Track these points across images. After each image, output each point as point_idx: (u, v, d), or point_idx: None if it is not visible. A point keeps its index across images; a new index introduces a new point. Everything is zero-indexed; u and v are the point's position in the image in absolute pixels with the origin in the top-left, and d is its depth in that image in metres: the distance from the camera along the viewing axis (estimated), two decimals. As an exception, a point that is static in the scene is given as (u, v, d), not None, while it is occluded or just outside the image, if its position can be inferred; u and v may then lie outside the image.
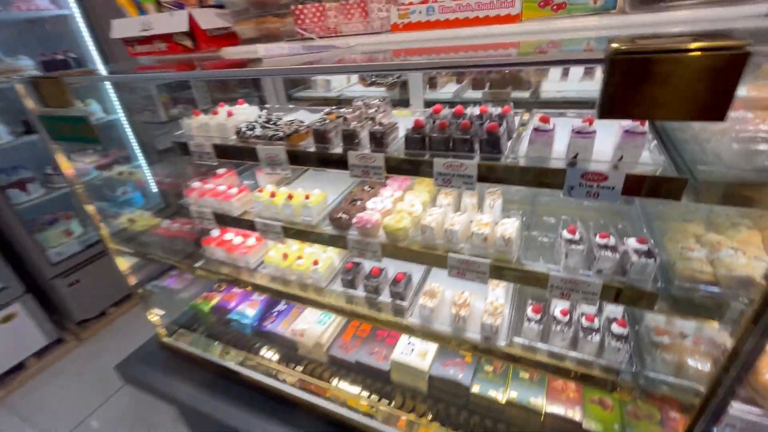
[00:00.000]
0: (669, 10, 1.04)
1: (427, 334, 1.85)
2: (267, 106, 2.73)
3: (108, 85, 4.14)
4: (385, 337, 2.24)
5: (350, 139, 1.73)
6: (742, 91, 1.54)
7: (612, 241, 1.44)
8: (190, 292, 2.75)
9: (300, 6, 1.49)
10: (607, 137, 1.38)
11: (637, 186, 1.24)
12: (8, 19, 3.78)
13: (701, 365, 1.39)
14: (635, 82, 0.66)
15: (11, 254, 3.67)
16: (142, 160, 4.37)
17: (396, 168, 1.63)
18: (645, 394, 1.51)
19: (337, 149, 1.77)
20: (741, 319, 1.10)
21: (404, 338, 2.23)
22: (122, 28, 1.75)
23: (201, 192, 2.27)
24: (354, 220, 1.83)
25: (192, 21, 1.56)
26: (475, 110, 1.80)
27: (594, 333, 1.58)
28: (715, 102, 0.62)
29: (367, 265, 2.16)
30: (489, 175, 1.46)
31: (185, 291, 2.76)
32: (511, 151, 1.51)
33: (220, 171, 2.57)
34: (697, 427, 1.28)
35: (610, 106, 0.72)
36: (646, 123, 1.29)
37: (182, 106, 3.86)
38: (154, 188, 4.58)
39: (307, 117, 2.36)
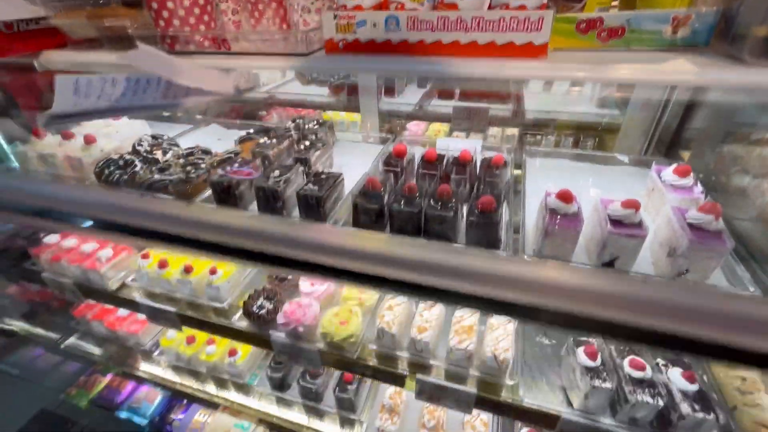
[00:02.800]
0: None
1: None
2: (166, 113, 2.00)
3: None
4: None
5: (268, 200, 1.13)
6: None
7: (650, 374, 1.01)
8: (64, 371, 2.02)
9: (163, -6, 0.84)
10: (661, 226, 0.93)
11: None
12: None
13: None
14: None
15: None
16: None
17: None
18: None
19: (248, 212, 1.17)
20: None
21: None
22: None
23: (56, 253, 1.55)
24: (280, 318, 1.25)
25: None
26: (452, 151, 1.27)
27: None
28: None
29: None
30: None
31: (56, 371, 2.01)
32: (512, 239, 1.01)
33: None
34: None
35: None
36: (720, 215, 0.84)
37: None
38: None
39: (214, 138, 1.71)
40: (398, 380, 1.20)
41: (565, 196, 0.93)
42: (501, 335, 1.14)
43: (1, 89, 1.13)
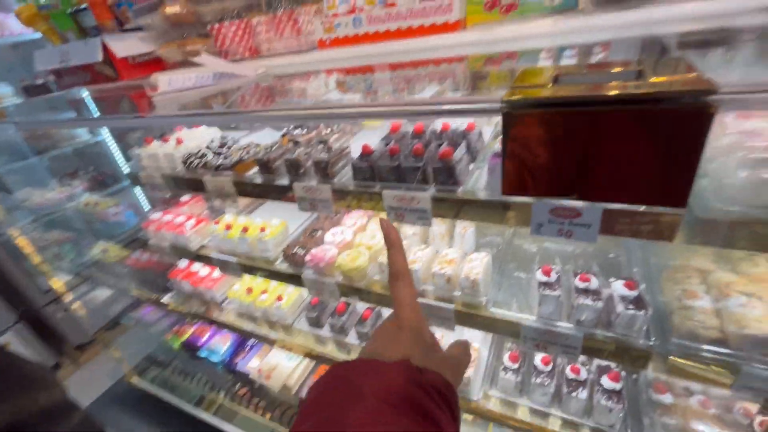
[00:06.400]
0: (634, 9, 0.79)
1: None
2: (233, 125, 2.56)
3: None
4: (358, 378, 2.05)
5: (294, 168, 1.53)
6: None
7: (594, 284, 1.20)
8: (163, 324, 2.63)
9: (217, 25, 1.29)
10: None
11: (619, 223, 1.00)
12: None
13: (711, 435, 1.13)
14: (537, 148, 0.43)
15: (1, 283, 3.66)
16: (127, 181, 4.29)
17: (344, 201, 1.43)
18: (644, 462, 1.26)
19: (283, 180, 1.58)
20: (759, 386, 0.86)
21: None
22: (44, 59, 1.60)
23: (158, 225, 2.12)
24: (307, 258, 1.64)
25: (107, 50, 1.39)
26: (438, 125, 1.57)
27: (581, 387, 1.34)
28: (662, 180, 0.39)
29: (334, 301, 1.97)
30: (446, 209, 1.24)
31: (159, 323, 2.64)
32: (473, 180, 1.28)
33: (186, 198, 2.43)
34: None
35: (514, 180, 0.50)
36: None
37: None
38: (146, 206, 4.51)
39: (268, 138, 2.18)
40: (397, 305, 1.50)
41: (507, 139, 1.18)
42: (476, 265, 1.39)
43: (130, 104, 1.69)
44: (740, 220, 0.88)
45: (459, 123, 1.53)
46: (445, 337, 1.65)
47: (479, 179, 1.27)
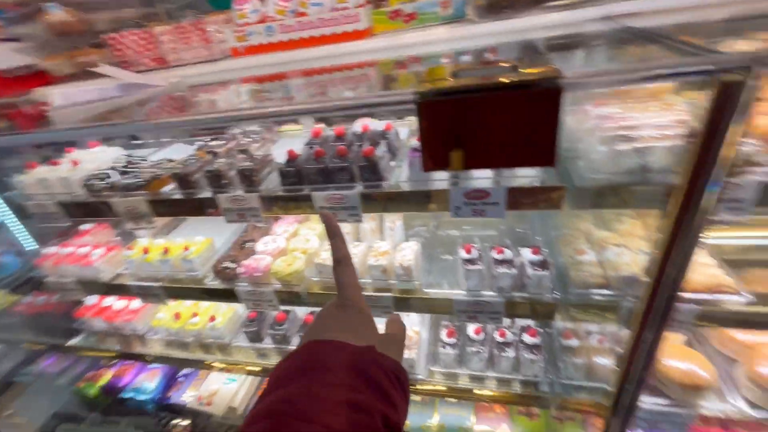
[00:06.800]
0: (513, 18, 0.96)
1: (343, 380, 1.67)
2: (138, 141, 2.36)
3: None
4: (306, 385, 2.03)
5: (217, 180, 1.49)
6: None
7: (508, 254, 1.38)
8: (73, 372, 2.30)
9: (114, 34, 1.22)
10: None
11: (520, 199, 1.17)
12: None
13: (608, 364, 1.38)
14: (446, 129, 0.54)
15: None
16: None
17: (274, 207, 1.43)
18: (563, 399, 1.48)
19: (205, 193, 1.52)
20: (633, 317, 1.08)
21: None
22: None
23: (56, 259, 1.87)
24: (240, 270, 1.60)
25: (-26, 62, 1.21)
26: (358, 128, 1.66)
27: (508, 348, 1.52)
28: (536, 144, 0.52)
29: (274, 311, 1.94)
30: (374, 204, 1.33)
31: (67, 373, 2.30)
32: (395, 175, 1.39)
33: (87, 226, 2.17)
34: (613, 425, 1.26)
35: (430, 158, 0.60)
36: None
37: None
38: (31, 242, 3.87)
39: (178, 153, 2.06)
40: (338, 302, 1.54)
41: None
42: (407, 253, 1.50)
43: (9, 124, 1.47)
44: (605, 185, 1.10)
45: (378, 125, 1.64)
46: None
47: (401, 173, 1.39)
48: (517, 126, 0.51)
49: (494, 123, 0.51)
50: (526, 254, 1.37)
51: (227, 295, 1.66)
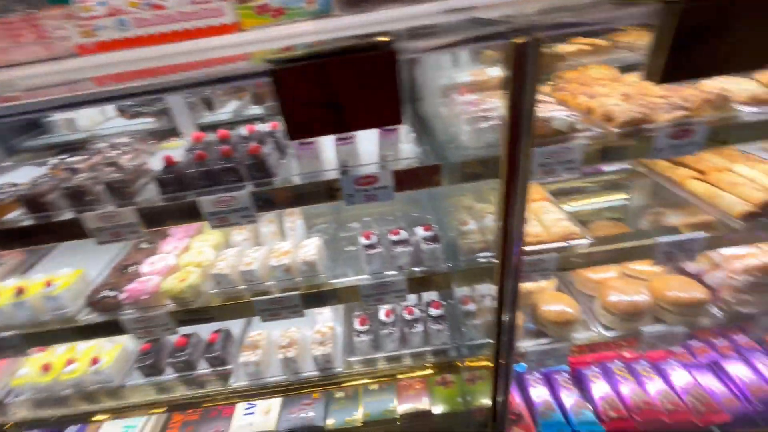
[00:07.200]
0: (374, 11, 1.05)
1: (259, 392, 1.60)
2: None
3: None
4: (221, 411, 1.88)
5: (78, 198, 1.31)
6: (467, 77, 1.81)
7: (404, 235, 1.48)
8: None
9: None
10: (371, 139, 1.38)
11: (406, 180, 1.27)
12: None
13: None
14: (304, 95, 0.58)
15: None
16: None
17: (155, 219, 1.31)
18: (469, 360, 1.63)
19: (67, 214, 1.33)
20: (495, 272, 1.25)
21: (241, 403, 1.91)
22: None
23: None
24: (123, 296, 1.42)
25: None
26: (243, 131, 1.61)
27: (417, 323, 1.62)
28: (383, 105, 0.59)
29: (171, 337, 1.75)
30: (267, 202, 1.30)
31: None
32: (285, 171, 1.38)
33: None
34: (500, 371, 1.41)
35: (295, 125, 0.63)
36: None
37: None
38: None
39: (30, 175, 1.75)
40: (244, 310, 1.47)
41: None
42: (310, 249, 1.50)
43: None
44: (472, 159, 1.25)
45: (264, 126, 1.62)
46: (298, 323, 1.69)
47: (291, 168, 1.39)
48: (365, 87, 0.57)
49: (346, 86, 0.56)
50: (420, 232, 1.48)
51: (110, 329, 1.46)
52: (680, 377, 1.75)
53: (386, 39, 0.55)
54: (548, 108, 1.33)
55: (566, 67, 1.89)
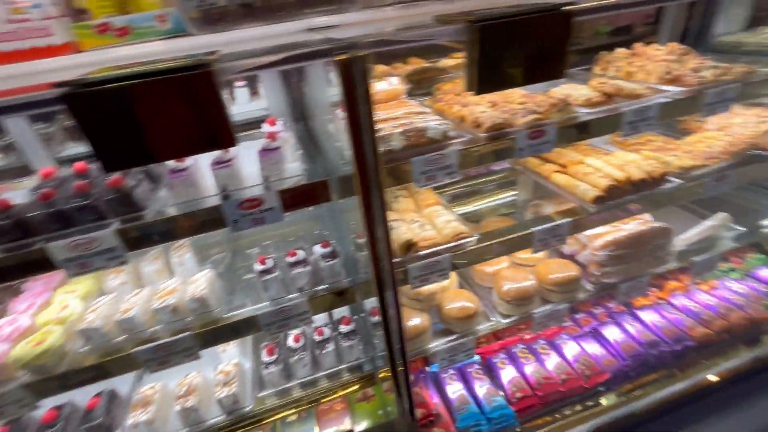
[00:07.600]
0: (229, 31, 1.01)
1: (156, 454, 1.41)
2: None
3: None
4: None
5: None
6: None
7: (301, 255, 1.44)
8: None
9: None
10: (252, 159, 1.33)
11: (293, 198, 1.23)
12: None
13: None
14: (120, 122, 0.53)
15: None
16: None
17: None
18: (382, 370, 1.63)
19: None
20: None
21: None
22: None
23: None
24: (-47, 377, 1.15)
25: None
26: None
27: (328, 343, 1.58)
28: (213, 126, 0.57)
29: (35, 413, 1.47)
30: (138, 240, 1.16)
31: None
32: (160, 203, 1.25)
33: None
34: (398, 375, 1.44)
35: (105, 155, 0.57)
36: (278, 138, 1.31)
37: None
38: None
39: None
40: (124, 365, 1.29)
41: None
42: (200, 283, 1.38)
43: None
44: (344, 175, 1.24)
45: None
46: (192, 367, 1.53)
47: (166, 199, 1.27)
48: (191, 109, 0.53)
49: (170, 109, 0.52)
50: (318, 249, 1.46)
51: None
52: (570, 348, 1.96)
53: (207, 59, 0.52)
54: (424, 118, 1.41)
55: (448, 79, 2.04)
